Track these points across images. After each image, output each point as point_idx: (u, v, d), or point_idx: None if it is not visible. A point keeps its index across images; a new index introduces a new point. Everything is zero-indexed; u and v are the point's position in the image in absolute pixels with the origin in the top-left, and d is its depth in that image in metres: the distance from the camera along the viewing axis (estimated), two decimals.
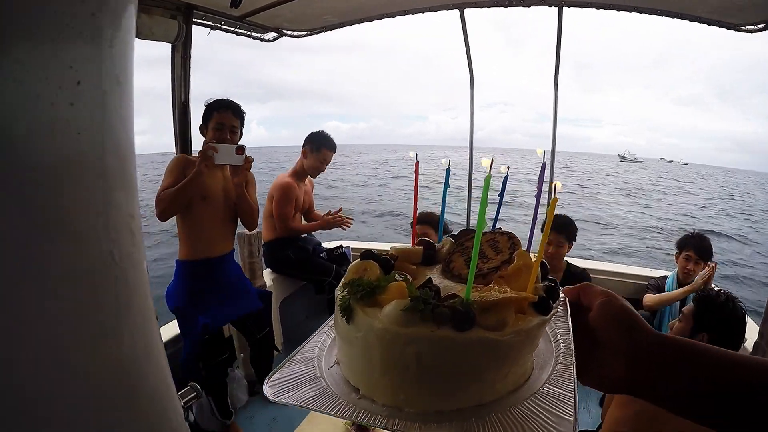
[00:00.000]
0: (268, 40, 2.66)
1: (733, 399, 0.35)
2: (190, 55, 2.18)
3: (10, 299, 0.15)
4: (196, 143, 2.30)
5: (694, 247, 2.44)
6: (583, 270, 2.53)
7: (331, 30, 2.77)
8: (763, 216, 20.51)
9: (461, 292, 0.36)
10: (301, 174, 2.78)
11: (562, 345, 0.41)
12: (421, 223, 2.29)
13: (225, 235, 2.10)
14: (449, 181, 0.49)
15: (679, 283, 2.50)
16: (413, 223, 0.52)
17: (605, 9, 2.48)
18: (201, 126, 2.00)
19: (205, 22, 2.20)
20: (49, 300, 0.16)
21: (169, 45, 2.12)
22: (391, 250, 0.47)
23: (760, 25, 2.21)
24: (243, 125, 2.09)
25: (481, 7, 2.60)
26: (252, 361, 2.46)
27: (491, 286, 0.38)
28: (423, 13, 2.60)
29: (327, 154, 2.74)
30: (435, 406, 0.34)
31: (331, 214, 2.82)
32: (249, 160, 1.90)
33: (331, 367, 0.40)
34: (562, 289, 0.45)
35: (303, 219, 2.92)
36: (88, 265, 0.17)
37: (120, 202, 0.18)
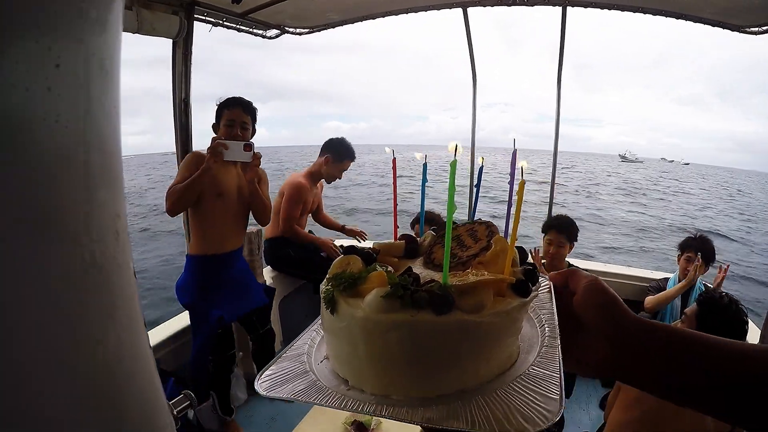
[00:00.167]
0: (270, 37, 2.65)
1: (713, 382, 0.35)
2: (191, 51, 2.16)
3: None
4: (197, 140, 2.30)
5: (696, 248, 2.43)
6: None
7: (333, 27, 2.75)
8: (764, 216, 20.55)
9: (440, 278, 0.37)
10: (317, 177, 2.81)
11: (547, 329, 0.41)
12: (425, 222, 2.30)
13: (237, 232, 2.13)
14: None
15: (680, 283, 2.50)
16: (394, 219, 0.52)
17: (609, 9, 2.46)
18: (213, 124, 2.03)
19: (206, 19, 2.18)
20: (27, 305, 0.15)
21: (170, 41, 2.11)
22: (374, 245, 0.47)
23: (765, 27, 2.20)
24: (255, 122, 2.10)
25: (485, 6, 2.58)
26: (254, 356, 2.46)
27: (469, 270, 0.39)
28: (426, 11, 2.57)
29: (348, 164, 2.79)
30: (421, 392, 0.34)
31: (347, 228, 2.95)
32: (257, 157, 1.92)
33: (321, 362, 0.41)
34: (549, 275, 0.46)
35: (313, 219, 2.98)
36: (68, 268, 0.15)
37: (104, 201, 0.16)
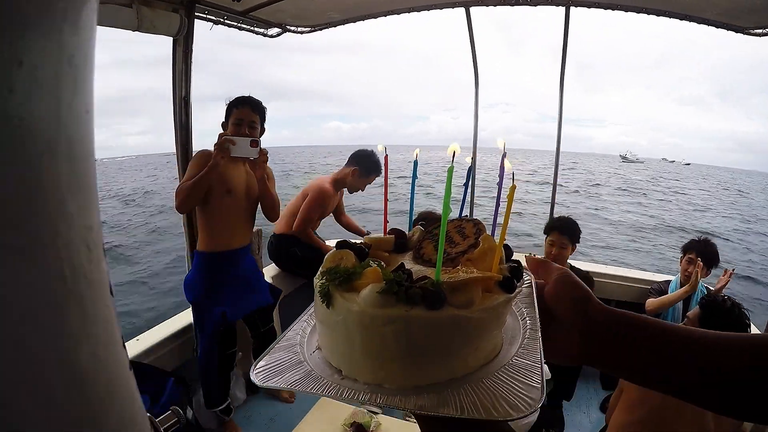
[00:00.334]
0: (271, 36, 2.63)
1: (675, 367, 0.39)
2: (191, 49, 2.15)
3: None
4: (198, 140, 2.29)
5: (699, 251, 2.42)
6: (587, 273, 2.50)
7: (334, 26, 2.73)
8: (763, 216, 20.58)
9: (431, 274, 0.39)
10: (340, 185, 2.87)
11: (528, 321, 0.43)
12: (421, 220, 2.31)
13: (244, 229, 2.14)
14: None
15: (682, 287, 2.49)
16: (384, 213, 0.53)
17: (613, 9, 2.44)
18: (223, 122, 2.05)
19: (207, 17, 2.16)
20: None
21: (171, 40, 2.10)
22: (365, 240, 0.49)
23: None
24: (264, 121, 2.11)
25: (487, 6, 2.56)
26: (255, 354, 2.45)
27: (459, 268, 0.40)
28: (428, 10, 2.55)
29: (373, 179, 2.83)
30: (413, 381, 0.36)
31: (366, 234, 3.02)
32: (264, 153, 1.94)
33: (313, 352, 0.42)
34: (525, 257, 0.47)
35: (335, 220, 3.12)
36: (31, 287, 0.14)
37: (73, 212, 0.14)
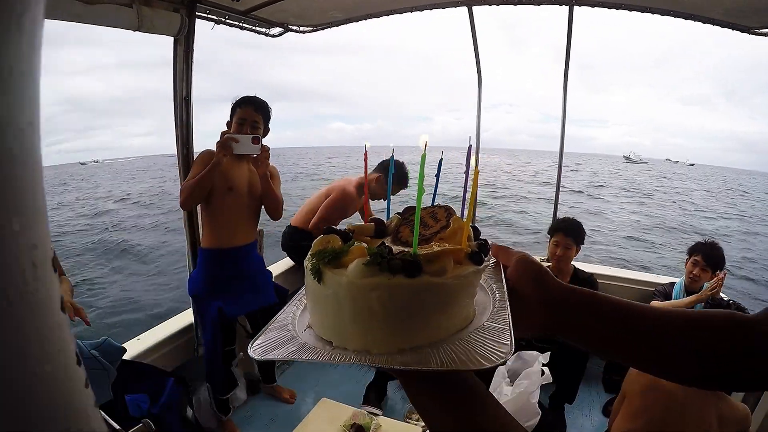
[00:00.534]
0: (273, 36, 2.62)
1: (623, 338, 0.45)
2: (192, 49, 2.13)
3: None
4: (200, 141, 2.29)
5: (704, 253, 2.39)
6: (591, 275, 2.49)
7: (337, 26, 2.72)
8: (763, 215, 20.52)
9: (408, 250, 0.44)
10: (363, 190, 2.87)
11: (497, 295, 0.48)
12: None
13: (247, 226, 2.16)
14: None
15: (687, 290, 2.45)
16: (365, 205, 0.60)
17: (617, 9, 2.42)
18: (228, 122, 2.08)
19: (208, 16, 2.15)
20: None
21: (172, 39, 2.09)
22: (348, 227, 0.54)
23: None
24: (268, 121, 2.13)
25: (490, 5, 2.54)
26: None
27: (432, 244, 0.46)
28: (431, 9, 2.54)
29: (396, 191, 2.83)
30: (397, 345, 0.40)
31: None
32: (265, 149, 1.97)
33: (305, 330, 0.46)
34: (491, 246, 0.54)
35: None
36: None
37: (16, 231, 0.13)
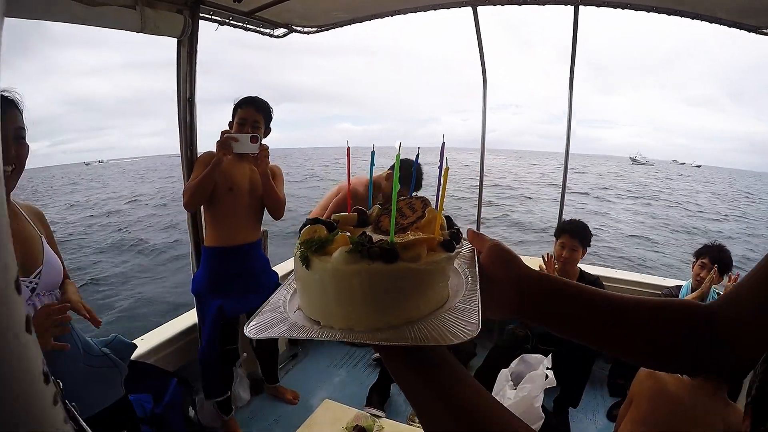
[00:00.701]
0: (278, 36, 2.61)
1: (588, 324, 0.49)
2: (196, 50, 2.13)
3: None
4: (206, 141, 2.30)
5: (712, 256, 2.36)
6: (597, 278, 2.47)
7: (341, 26, 2.71)
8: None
9: (387, 239, 0.48)
10: (375, 188, 2.81)
11: (470, 279, 0.52)
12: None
13: (249, 225, 2.17)
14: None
15: (693, 293, 2.43)
16: (348, 198, 0.64)
17: (623, 8, 2.39)
18: (230, 122, 2.11)
19: (212, 17, 2.15)
20: None
21: (175, 41, 2.09)
22: (333, 217, 0.58)
23: None
24: (269, 121, 2.17)
25: (495, 5, 2.52)
26: (256, 351, 2.45)
27: (409, 233, 0.50)
28: (435, 10, 2.52)
29: (405, 191, 2.79)
30: (377, 324, 0.45)
31: None
32: (264, 148, 1.99)
33: (295, 311, 0.51)
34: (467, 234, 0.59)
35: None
36: None
37: None
